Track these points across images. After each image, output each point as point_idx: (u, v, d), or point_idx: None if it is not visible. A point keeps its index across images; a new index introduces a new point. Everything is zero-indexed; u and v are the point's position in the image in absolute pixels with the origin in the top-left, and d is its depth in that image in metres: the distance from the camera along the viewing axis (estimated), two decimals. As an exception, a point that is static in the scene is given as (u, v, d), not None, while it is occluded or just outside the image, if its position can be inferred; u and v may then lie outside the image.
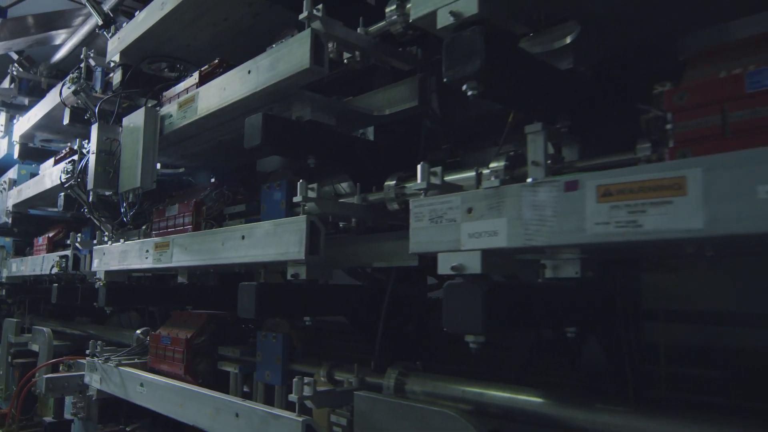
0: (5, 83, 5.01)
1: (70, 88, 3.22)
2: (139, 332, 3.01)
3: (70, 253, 3.58)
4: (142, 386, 2.56)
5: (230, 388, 2.39)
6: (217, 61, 2.39)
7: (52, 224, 4.44)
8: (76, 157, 3.15)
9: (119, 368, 2.75)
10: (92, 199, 2.80)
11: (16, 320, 4.74)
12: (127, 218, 2.68)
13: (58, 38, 4.51)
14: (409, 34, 1.83)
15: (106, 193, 2.77)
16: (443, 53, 1.29)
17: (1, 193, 4.88)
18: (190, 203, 2.45)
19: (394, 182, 1.77)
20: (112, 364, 2.80)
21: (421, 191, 1.38)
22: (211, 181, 3.13)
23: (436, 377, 1.65)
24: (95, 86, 3.19)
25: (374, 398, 1.59)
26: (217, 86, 2.16)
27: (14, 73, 4.87)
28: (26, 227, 4.65)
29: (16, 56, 4.96)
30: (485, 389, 1.50)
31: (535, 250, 1.16)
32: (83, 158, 3.02)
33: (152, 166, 2.49)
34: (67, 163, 3.21)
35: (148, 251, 2.57)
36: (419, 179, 1.37)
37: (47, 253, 4.04)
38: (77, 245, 3.54)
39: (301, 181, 1.77)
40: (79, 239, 3.56)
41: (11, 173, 4.86)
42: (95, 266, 3.03)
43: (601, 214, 1.01)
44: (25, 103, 4.92)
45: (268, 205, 2.07)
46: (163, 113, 2.50)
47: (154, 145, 2.49)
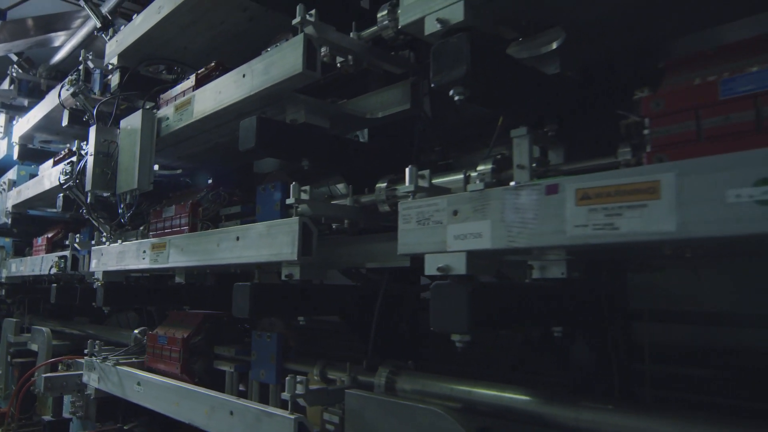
0: (5, 84, 5.03)
1: (68, 90, 3.23)
2: (136, 332, 3.04)
3: (68, 253, 3.60)
4: (139, 385, 2.59)
5: (226, 386, 2.41)
6: (213, 64, 2.42)
7: (51, 225, 4.46)
8: (74, 158, 3.18)
9: (117, 367, 2.78)
10: (90, 200, 2.82)
11: (15, 320, 4.76)
12: (124, 219, 2.71)
13: (57, 40, 4.54)
14: (400, 38, 1.85)
15: (104, 194, 2.79)
16: (431, 59, 1.32)
17: (0, 193, 4.90)
18: (186, 204, 2.48)
19: (385, 184, 1.79)
20: (109, 363, 2.83)
21: (409, 194, 1.41)
22: (208, 182, 3.16)
23: (425, 376, 1.68)
24: (94, 88, 3.19)
25: (364, 396, 1.62)
26: (212, 90, 2.19)
27: (14, 74, 4.89)
28: (26, 228, 4.67)
29: (15, 58, 4.98)
30: (473, 387, 1.53)
31: (518, 251, 1.19)
32: (81, 160, 3.04)
33: (149, 167, 2.52)
34: (65, 164, 3.23)
35: (145, 252, 2.60)
36: (407, 182, 1.40)
37: (46, 253, 4.07)
38: (76, 246, 3.56)
39: (293, 183, 1.80)
40: (77, 240, 3.58)
41: (11, 174, 4.87)
42: (93, 267, 3.06)
43: (579, 216, 1.04)
44: (24, 104, 4.94)
45: (263, 206, 2.10)
46: (160, 116, 2.53)
47: (151, 147, 2.52)
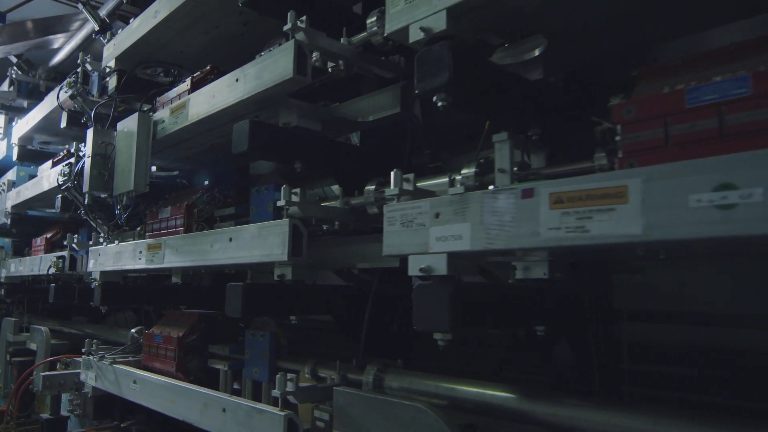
0: (5, 86, 5.07)
1: (67, 92, 3.27)
2: (133, 331, 3.08)
3: (67, 253, 3.65)
4: (135, 383, 2.63)
5: (220, 384, 2.45)
6: (209, 67, 2.46)
7: (49, 225, 4.50)
8: (72, 159, 3.21)
9: (114, 366, 2.82)
10: (88, 201, 2.86)
11: (14, 319, 4.80)
12: (121, 220, 2.75)
13: (56, 42, 4.58)
14: (390, 44, 1.89)
15: (101, 195, 2.83)
16: (415, 66, 1.36)
17: (0, 194, 4.94)
18: (182, 206, 2.52)
19: (373, 187, 1.84)
20: (107, 362, 2.88)
21: (395, 197, 1.45)
22: (204, 183, 3.20)
23: (412, 374, 1.72)
24: (92, 90, 3.23)
25: (352, 393, 1.66)
26: (206, 93, 2.24)
27: (13, 76, 4.93)
28: (25, 228, 4.71)
29: (15, 59, 5.03)
30: (457, 385, 1.57)
31: (496, 253, 1.23)
32: (79, 161, 3.08)
33: (145, 169, 2.56)
34: (64, 165, 3.26)
35: (141, 252, 2.64)
36: (392, 185, 1.45)
37: (45, 253, 4.11)
38: (74, 246, 3.61)
39: (284, 185, 1.84)
40: (75, 240, 3.62)
41: (10, 175, 4.91)
42: (91, 267, 3.11)
43: (553, 219, 1.08)
44: (24, 105, 4.98)
45: (257, 207, 2.14)
46: (156, 118, 2.57)
47: (147, 149, 2.57)
